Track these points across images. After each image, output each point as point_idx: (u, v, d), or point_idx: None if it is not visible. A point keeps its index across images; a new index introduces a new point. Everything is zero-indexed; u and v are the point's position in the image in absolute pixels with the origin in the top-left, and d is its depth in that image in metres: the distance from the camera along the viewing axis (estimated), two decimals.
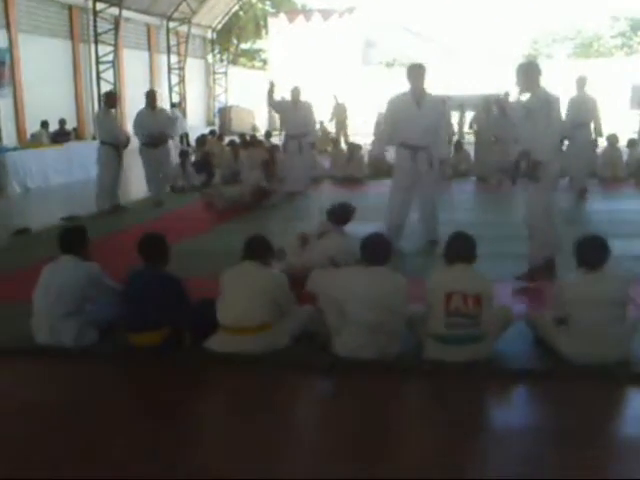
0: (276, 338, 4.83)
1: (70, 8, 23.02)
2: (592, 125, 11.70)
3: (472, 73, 35.04)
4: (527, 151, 6.42)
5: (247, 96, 36.94)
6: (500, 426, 4.16)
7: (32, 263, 7.65)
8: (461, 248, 4.75)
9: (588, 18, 55.37)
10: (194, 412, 4.35)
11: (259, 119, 36.43)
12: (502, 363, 4.71)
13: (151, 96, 12.06)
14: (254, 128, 33.04)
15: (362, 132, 25.41)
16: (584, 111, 11.47)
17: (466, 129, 20.48)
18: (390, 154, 9.11)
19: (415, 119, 7.75)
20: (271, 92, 12.22)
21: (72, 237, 5.33)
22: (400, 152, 7.99)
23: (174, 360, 4.84)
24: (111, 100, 11.72)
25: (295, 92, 12.50)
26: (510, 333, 4.92)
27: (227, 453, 3.78)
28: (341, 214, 6.70)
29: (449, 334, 4.59)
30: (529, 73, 6.54)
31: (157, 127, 11.75)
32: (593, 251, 4.69)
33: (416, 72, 7.79)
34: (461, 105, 21.39)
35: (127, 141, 11.57)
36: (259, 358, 4.73)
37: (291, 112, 12.45)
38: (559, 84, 12.18)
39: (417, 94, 7.79)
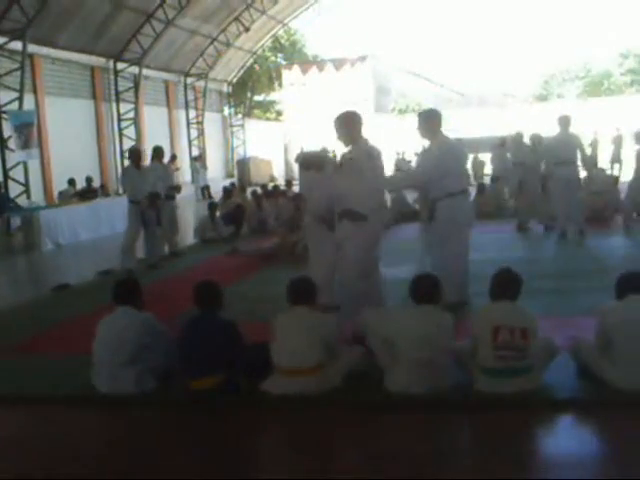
0: (329, 378, 4.99)
1: (92, 69, 23.72)
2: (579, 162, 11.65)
3: (485, 116, 35.50)
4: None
5: (264, 147, 37.54)
6: (550, 456, 4.26)
7: (76, 316, 7.94)
8: (506, 285, 4.94)
9: (597, 56, 56.01)
10: (254, 453, 4.49)
11: (276, 169, 36.95)
12: (549, 394, 4.83)
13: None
14: (272, 178, 33.50)
15: None
16: (565, 150, 11.35)
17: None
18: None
19: None
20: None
21: (126, 289, 5.55)
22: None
23: (232, 403, 5.00)
24: (133, 156, 11.56)
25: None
26: (555, 364, 5.04)
27: None
28: None
29: (498, 367, 4.75)
30: (429, 121, 7.04)
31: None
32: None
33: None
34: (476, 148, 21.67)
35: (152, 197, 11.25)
36: (314, 398, 4.89)
37: None
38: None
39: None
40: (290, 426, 4.79)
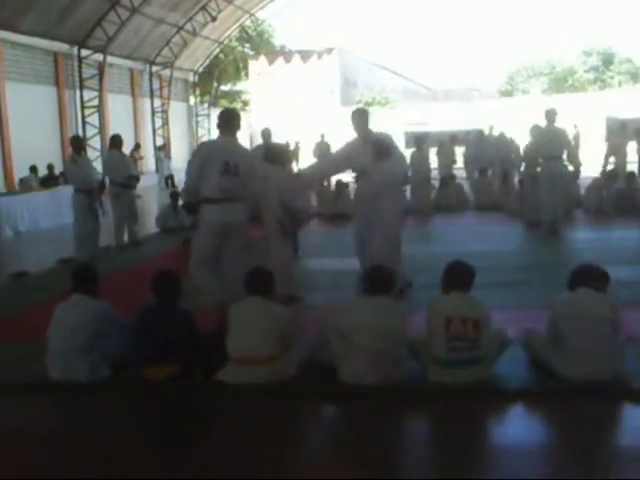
0: (284, 368, 5.01)
1: (55, 55, 23.38)
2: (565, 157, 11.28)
3: (450, 109, 35.72)
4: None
5: None
6: (499, 445, 4.34)
7: (33, 304, 7.86)
8: (459, 277, 5.01)
9: (562, 54, 56.81)
10: (207, 442, 4.51)
11: None
12: (501, 384, 4.92)
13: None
14: None
15: None
16: (556, 143, 11.01)
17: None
18: None
19: None
20: None
21: (83, 276, 5.52)
22: None
23: (186, 392, 5.01)
24: (76, 144, 11.38)
25: (265, 133, 11.47)
26: (506, 355, 5.13)
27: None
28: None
29: (450, 357, 4.81)
30: (362, 117, 7.51)
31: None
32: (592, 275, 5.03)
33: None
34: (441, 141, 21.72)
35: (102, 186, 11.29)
36: (268, 388, 4.91)
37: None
38: (536, 119, 12.61)
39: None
40: (244, 416, 4.79)
